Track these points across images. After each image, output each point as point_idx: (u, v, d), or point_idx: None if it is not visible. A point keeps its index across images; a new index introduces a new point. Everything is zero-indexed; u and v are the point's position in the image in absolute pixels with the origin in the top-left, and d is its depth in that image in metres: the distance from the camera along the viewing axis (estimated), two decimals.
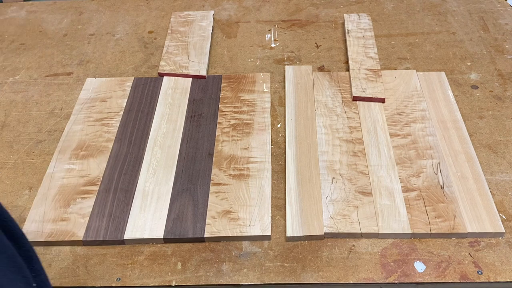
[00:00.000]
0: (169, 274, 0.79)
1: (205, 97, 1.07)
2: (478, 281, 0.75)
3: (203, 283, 0.77)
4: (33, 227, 0.84)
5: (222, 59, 1.19)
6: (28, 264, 0.52)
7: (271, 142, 0.97)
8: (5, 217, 0.51)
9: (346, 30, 1.21)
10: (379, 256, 0.79)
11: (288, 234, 0.81)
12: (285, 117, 1.02)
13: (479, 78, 1.10)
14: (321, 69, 1.14)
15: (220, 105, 1.05)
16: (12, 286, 0.48)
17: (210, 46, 1.21)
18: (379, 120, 0.99)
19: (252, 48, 1.22)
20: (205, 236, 0.82)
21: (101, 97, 1.08)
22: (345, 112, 1.01)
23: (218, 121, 1.01)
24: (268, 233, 0.82)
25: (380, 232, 0.81)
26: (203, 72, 1.12)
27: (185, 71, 1.12)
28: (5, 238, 0.50)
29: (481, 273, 0.76)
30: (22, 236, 0.53)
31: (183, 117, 1.03)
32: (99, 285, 0.78)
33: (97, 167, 0.94)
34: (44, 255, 0.82)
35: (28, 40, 1.29)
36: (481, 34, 1.22)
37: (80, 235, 0.83)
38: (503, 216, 0.84)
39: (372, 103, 1.03)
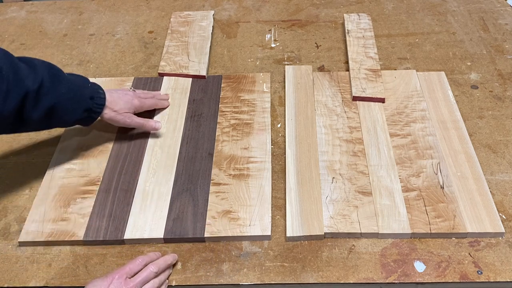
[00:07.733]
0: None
1: (205, 97, 1.07)
2: (478, 281, 0.75)
3: (203, 283, 0.77)
4: (33, 227, 0.84)
5: (222, 59, 1.19)
6: None
7: (271, 142, 0.97)
8: None
9: (346, 30, 1.21)
10: (379, 256, 0.79)
11: (288, 234, 0.81)
12: (285, 117, 1.02)
13: (479, 78, 1.10)
14: (321, 69, 1.14)
15: (220, 105, 1.05)
16: None
17: (210, 46, 1.21)
18: (379, 120, 0.99)
19: (252, 48, 1.22)
20: (205, 236, 0.82)
21: None
22: (345, 112, 1.01)
23: (218, 121, 1.01)
24: (268, 233, 0.82)
25: (380, 232, 0.81)
26: (203, 72, 1.12)
27: (185, 71, 1.12)
28: None
29: (481, 273, 0.76)
30: None
31: (183, 117, 1.03)
32: None
33: (97, 167, 0.94)
34: (44, 255, 0.82)
35: (28, 40, 1.29)
36: (481, 34, 1.22)
37: (80, 235, 0.83)
38: (503, 216, 0.84)
39: (372, 103, 1.03)
